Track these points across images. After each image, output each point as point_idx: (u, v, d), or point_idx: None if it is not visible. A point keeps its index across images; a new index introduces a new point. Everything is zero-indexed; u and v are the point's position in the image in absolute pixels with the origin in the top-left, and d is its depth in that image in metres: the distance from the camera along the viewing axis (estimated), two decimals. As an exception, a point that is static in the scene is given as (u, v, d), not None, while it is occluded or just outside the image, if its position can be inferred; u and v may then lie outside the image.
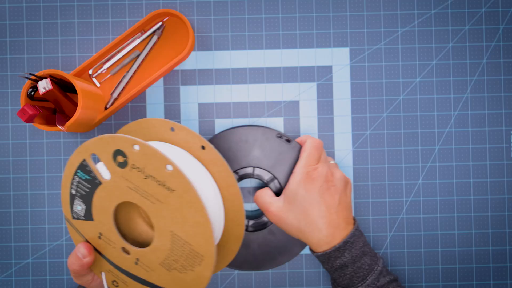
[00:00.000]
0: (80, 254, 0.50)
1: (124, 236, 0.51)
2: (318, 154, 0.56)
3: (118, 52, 0.62)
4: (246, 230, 0.59)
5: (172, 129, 0.50)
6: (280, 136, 0.58)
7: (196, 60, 0.63)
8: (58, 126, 0.54)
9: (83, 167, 0.49)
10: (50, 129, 0.55)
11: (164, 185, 0.46)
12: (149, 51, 0.62)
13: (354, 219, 0.58)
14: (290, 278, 0.62)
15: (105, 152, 0.47)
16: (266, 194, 0.57)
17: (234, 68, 0.63)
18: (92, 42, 0.63)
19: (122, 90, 0.62)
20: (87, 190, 0.49)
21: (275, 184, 0.58)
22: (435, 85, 0.63)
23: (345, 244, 0.54)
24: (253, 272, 0.62)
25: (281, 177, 0.58)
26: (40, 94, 0.54)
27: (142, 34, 0.62)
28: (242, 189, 0.63)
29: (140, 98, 0.63)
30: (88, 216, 0.50)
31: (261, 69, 0.63)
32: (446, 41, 0.63)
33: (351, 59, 0.63)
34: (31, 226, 0.62)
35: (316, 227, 0.54)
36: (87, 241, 0.51)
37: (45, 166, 0.62)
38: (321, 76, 0.63)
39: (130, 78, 0.62)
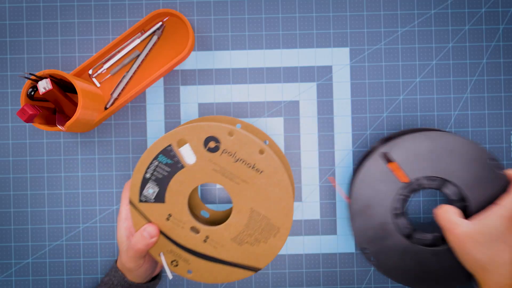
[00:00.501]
0: (148, 234, 0.52)
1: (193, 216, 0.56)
2: None
3: (118, 52, 0.62)
4: (408, 238, 0.56)
5: (239, 126, 0.57)
6: (493, 160, 0.54)
7: (196, 60, 0.63)
8: (58, 126, 0.54)
9: (166, 152, 0.53)
10: (50, 129, 0.55)
11: (254, 167, 0.52)
12: (149, 51, 0.62)
13: None
14: (290, 278, 0.62)
15: (197, 138, 0.53)
16: (454, 212, 0.51)
17: (234, 68, 0.63)
18: (92, 42, 0.63)
19: (122, 90, 0.62)
20: (165, 173, 0.53)
21: (459, 206, 0.55)
22: (435, 85, 0.63)
23: None
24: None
25: (473, 203, 0.53)
26: (40, 94, 0.54)
27: (142, 34, 0.62)
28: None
29: (140, 98, 0.63)
30: (160, 198, 0.54)
31: (261, 69, 0.63)
32: (446, 41, 0.63)
33: (351, 59, 0.63)
34: (31, 226, 0.62)
35: (499, 271, 0.48)
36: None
37: (45, 166, 0.62)
38: (321, 76, 0.63)
39: (130, 78, 0.62)
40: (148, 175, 0.54)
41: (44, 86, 0.54)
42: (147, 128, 0.63)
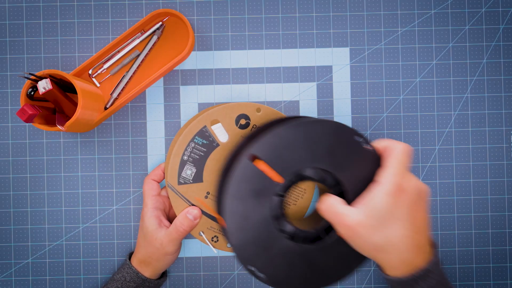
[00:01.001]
0: (192, 216, 0.56)
1: None
2: (408, 163, 0.48)
3: (118, 52, 0.62)
4: (292, 239, 0.51)
5: (259, 111, 0.59)
6: (358, 136, 0.50)
7: (196, 60, 0.63)
8: (58, 126, 0.54)
9: (202, 133, 0.58)
10: (50, 129, 0.55)
11: None
12: (149, 51, 0.62)
13: (434, 243, 0.50)
14: (290, 278, 0.62)
15: (228, 117, 0.58)
16: (338, 202, 0.48)
17: (234, 68, 0.63)
18: (92, 42, 0.63)
19: (122, 90, 0.62)
20: (202, 154, 0.58)
21: (337, 192, 0.51)
22: (435, 85, 0.63)
23: (425, 273, 0.46)
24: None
25: (349, 185, 0.50)
26: (40, 94, 0.54)
27: (142, 34, 0.62)
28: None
29: (140, 98, 0.63)
30: (197, 178, 0.58)
31: (261, 69, 0.63)
32: (446, 41, 0.63)
33: (351, 59, 0.63)
34: (30, 226, 0.62)
35: (397, 248, 0.46)
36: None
37: (45, 166, 0.62)
38: (321, 76, 0.63)
39: (130, 78, 0.62)
40: (185, 157, 0.58)
41: (44, 86, 0.54)
42: (147, 128, 0.62)
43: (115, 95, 0.61)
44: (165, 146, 0.62)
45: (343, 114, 0.63)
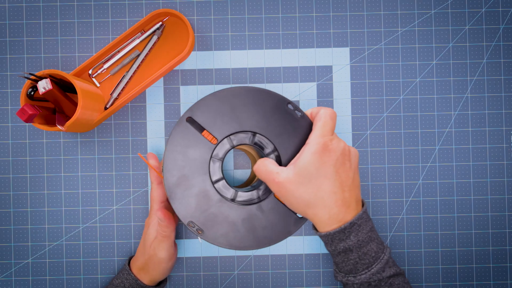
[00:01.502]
0: (160, 219, 0.55)
1: None
2: (333, 125, 0.51)
3: (118, 52, 0.62)
4: (233, 201, 0.53)
5: None
6: (290, 104, 0.53)
7: (196, 60, 0.63)
8: (58, 126, 0.54)
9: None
10: (50, 129, 0.55)
11: None
12: (149, 51, 0.62)
13: (363, 201, 0.54)
14: (290, 278, 0.62)
15: None
16: (270, 163, 0.51)
17: (234, 68, 0.63)
18: (92, 42, 0.63)
19: (122, 90, 0.62)
20: None
21: (274, 157, 0.53)
22: (435, 85, 0.63)
23: (352, 226, 0.49)
24: (252, 272, 0.62)
25: (284, 150, 0.53)
26: (40, 94, 0.54)
27: (142, 34, 0.62)
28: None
29: (140, 98, 0.63)
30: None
31: (261, 69, 0.63)
32: (446, 41, 0.63)
33: (351, 59, 0.63)
34: (30, 226, 0.62)
35: (325, 203, 0.49)
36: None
37: (44, 166, 0.62)
38: (321, 76, 0.63)
39: (130, 78, 0.62)
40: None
41: (44, 86, 0.54)
42: (147, 128, 0.62)
43: (115, 95, 0.61)
44: (165, 146, 0.62)
45: (343, 114, 0.63)
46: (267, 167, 0.51)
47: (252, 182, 0.60)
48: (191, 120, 0.53)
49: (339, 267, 0.52)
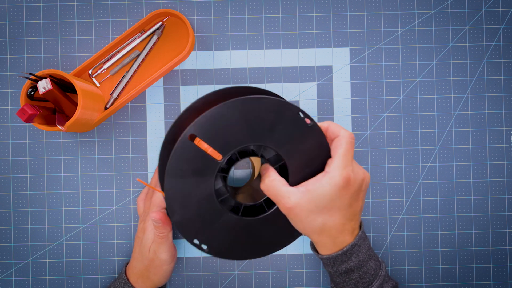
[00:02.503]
0: (155, 221, 0.53)
1: None
2: (353, 152, 0.50)
3: (118, 52, 0.62)
4: (238, 214, 0.52)
5: None
6: (301, 113, 0.50)
7: (196, 60, 0.63)
8: (58, 126, 0.54)
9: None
10: (50, 129, 0.55)
11: None
12: (149, 51, 0.62)
13: (361, 222, 0.54)
14: (290, 278, 0.62)
15: None
16: (279, 182, 0.49)
17: (234, 68, 0.63)
18: (92, 42, 0.63)
19: (122, 90, 0.62)
20: None
21: (278, 167, 0.52)
22: (435, 85, 0.63)
23: (353, 248, 0.50)
24: (252, 272, 0.62)
25: (292, 162, 0.50)
26: (40, 94, 0.54)
27: (142, 34, 0.62)
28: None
29: (140, 98, 0.63)
30: None
31: (261, 69, 0.63)
32: (446, 41, 0.63)
33: (351, 59, 0.63)
34: (30, 226, 0.62)
35: (331, 233, 0.49)
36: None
37: (44, 166, 0.62)
38: (321, 76, 0.63)
39: (130, 78, 0.62)
40: None
41: (43, 86, 0.54)
42: (147, 128, 0.62)
43: (115, 95, 0.61)
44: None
45: (343, 114, 0.63)
46: (276, 189, 0.49)
47: (251, 181, 0.60)
48: (192, 137, 0.50)
49: (339, 287, 0.53)
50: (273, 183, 0.49)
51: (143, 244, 0.56)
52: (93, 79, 0.62)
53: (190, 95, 0.63)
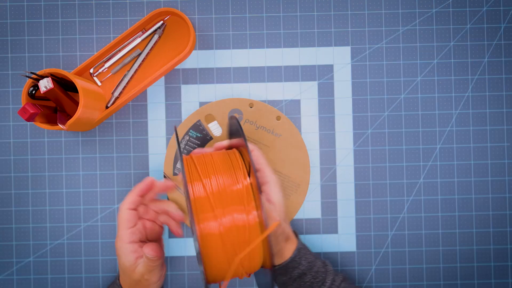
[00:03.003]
0: (150, 255, 0.50)
1: None
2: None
3: (119, 51, 0.62)
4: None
5: (251, 106, 0.61)
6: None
7: (197, 59, 0.63)
8: (59, 125, 0.54)
9: (196, 126, 0.61)
10: (51, 128, 0.55)
11: (273, 132, 0.61)
12: (150, 50, 0.62)
13: (294, 230, 0.57)
14: (291, 277, 0.62)
15: (222, 112, 0.61)
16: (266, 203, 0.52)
17: (235, 67, 0.63)
18: (93, 40, 0.63)
19: (123, 89, 0.62)
20: (196, 146, 0.61)
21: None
22: (436, 84, 0.63)
23: (299, 252, 0.52)
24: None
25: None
26: (41, 93, 0.54)
27: (143, 33, 0.62)
28: None
29: (141, 97, 0.63)
30: None
31: (262, 68, 0.63)
32: (447, 40, 0.63)
33: (352, 58, 0.63)
34: (32, 225, 0.62)
35: (287, 230, 0.52)
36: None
37: (46, 165, 0.62)
38: (322, 75, 0.63)
39: (131, 77, 0.62)
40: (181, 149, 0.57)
41: (45, 85, 0.54)
42: (148, 127, 0.62)
43: (116, 94, 0.61)
44: (166, 145, 0.62)
45: (344, 113, 0.63)
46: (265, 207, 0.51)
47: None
48: None
49: None
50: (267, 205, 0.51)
51: (123, 268, 0.52)
52: (94, 78, 0.62)
53: (191, 94, 0.63)
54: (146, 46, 0.61)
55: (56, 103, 0.57)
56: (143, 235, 0.53)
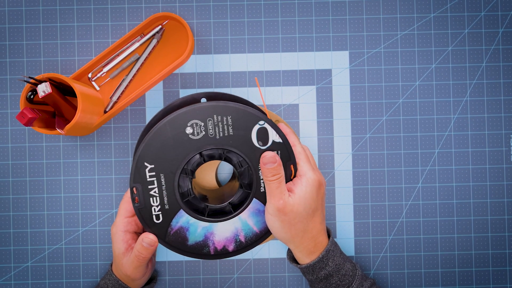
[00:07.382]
0: (147, 243, 0.53)
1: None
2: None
3: (118, 55, 0.62)
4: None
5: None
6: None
7: (195, 64, 0.63)
8: (58, 129, 0.54)
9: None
10: (50, 133, 0.55)
11: None
12: (149, 54, 0.62)
13: (328, 229, 0.58)
14: (290, 282, 0.62)
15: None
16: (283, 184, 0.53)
17: (233, 72, 0.63)
18: (92, 45, 0.63)
19: (122, 93, 0.62)
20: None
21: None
22: (434, 88, 0.63)
23: (328, 253, 0.53)
24: (252, 275, 0.62)
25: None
26: (40, 97, 0.54)
27: (142, 37, 0.62)
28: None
29: (139, 101, 0.63)
30: None
31: (260, 72, 0.63)
32: (445, 45, 0.63)
33: (350, 63, 0.63)
34: (30, 230, 0.62)
35: (314, 231, 0.53)
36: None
37: (44, 169, 0.62)
38: (321, 80, 0.63)
39: (129, 82, 0.62)
40: None
41: (43, 89, 0.54)
42: (146, 131, 0.62)
43: (114, 98, 0.61)
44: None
45: (342, 117, 0.63)
46: (283, 195, 0.51)
47: (224, 185, 0.62)
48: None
49: None
50: (278, 186, 0.52)
51: (114, 255, 0.55)
52: (93, 83, 0.62)
53: (189, 98, 0.63)
54: (145, 50, 0.61)
55: (55, 108, 0.57)
56: (139, 229, 0.56)
